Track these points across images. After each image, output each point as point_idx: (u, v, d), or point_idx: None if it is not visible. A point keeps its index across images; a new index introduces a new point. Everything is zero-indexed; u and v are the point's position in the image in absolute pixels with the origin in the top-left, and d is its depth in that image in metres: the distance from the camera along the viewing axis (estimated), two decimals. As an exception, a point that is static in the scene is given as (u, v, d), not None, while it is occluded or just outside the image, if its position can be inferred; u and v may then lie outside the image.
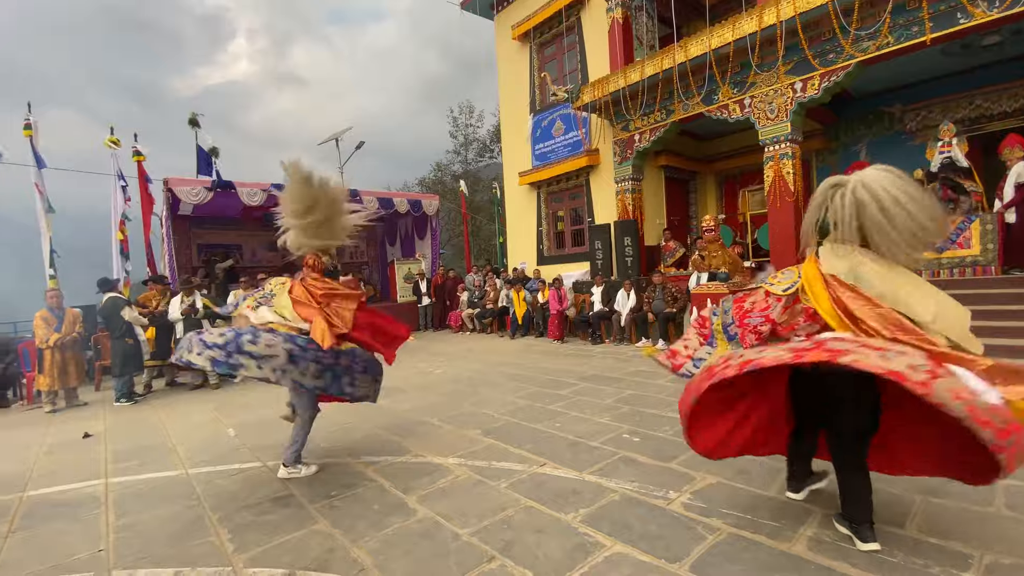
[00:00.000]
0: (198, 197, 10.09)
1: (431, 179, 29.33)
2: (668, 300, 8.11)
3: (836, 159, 9.62)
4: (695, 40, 7.95)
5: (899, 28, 6.30)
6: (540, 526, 2.55)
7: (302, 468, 3.46)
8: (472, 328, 11.83)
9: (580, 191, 11.59)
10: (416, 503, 2.90)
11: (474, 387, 5.92)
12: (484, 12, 13.85)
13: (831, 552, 2.17)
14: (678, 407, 2.36)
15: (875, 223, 2.13)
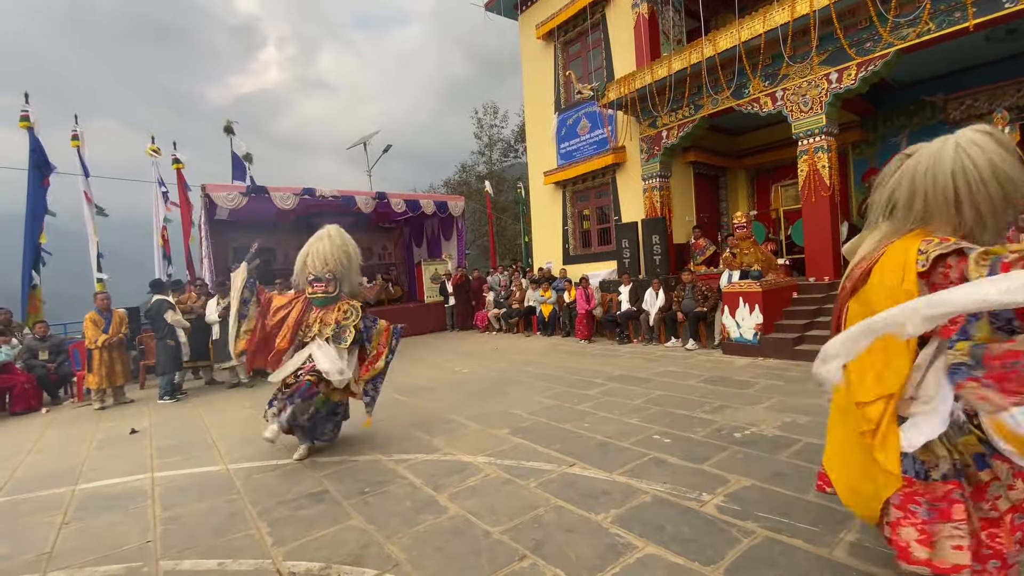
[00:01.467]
0: (234, 202, 10.44)
1: (456, 180, 29.55)
2: (698, 299, 7.96)
3: (874, 151, 9.26)
4: (724, 33, 7.78)
5: (940, 14, 6.03)
6: (571, 526, 2.54)
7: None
8: (498, 328, 11.88)
9: (606, 189, 11.49)
10: (447, 500, 2.93)
11: (501, 386, 5.94)
12: (508, 12, 13.88)
13: (873, 558, 2.09)
14: None
15: (979, 195, 1.63)
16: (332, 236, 4.23)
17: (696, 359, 6.90)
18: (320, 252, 4.11)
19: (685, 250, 10.07)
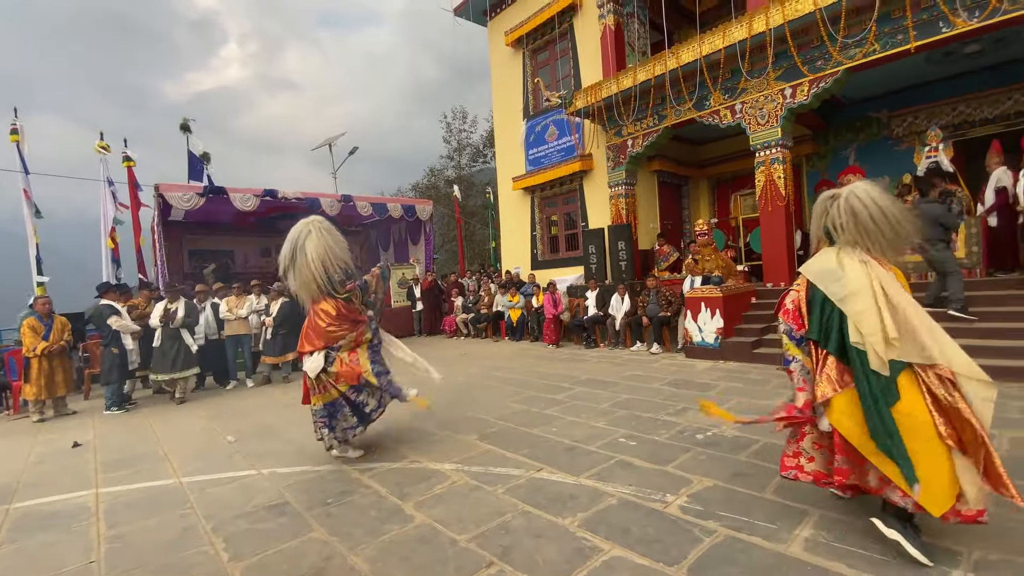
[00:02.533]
0: (190, 203, 10.03)
1: (424, 184, 29.35)
2: (662, 304, 8.15)
3: (825, 164, 9.75)
4: (686, 47, 8.04)
5: (884, 36, 6.42)
6: (538, 531, 2.54)
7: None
8: (466, 333, 11.82)
9: (574, 196, 11.65)
10: (413, 509, 2.88)
11: (470, 392, 5.91)
12: (477, 18, 13.93)
13: (826, 552, 2.18)
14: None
15: (867, 229, 2.30)
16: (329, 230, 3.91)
17: (660, 363, 7.05)
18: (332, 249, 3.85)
19: (650, 256, 10.30)
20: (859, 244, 2.34)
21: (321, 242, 3.76)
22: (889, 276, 2.27)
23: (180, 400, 6.79)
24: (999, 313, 5.45)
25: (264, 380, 7.80)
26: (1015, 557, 2.02)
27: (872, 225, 2.28)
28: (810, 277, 2.45)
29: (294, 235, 3.81)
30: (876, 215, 2.28)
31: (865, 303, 2.22)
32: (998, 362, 4.80)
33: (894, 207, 2.31)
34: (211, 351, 7.74)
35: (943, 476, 2.01)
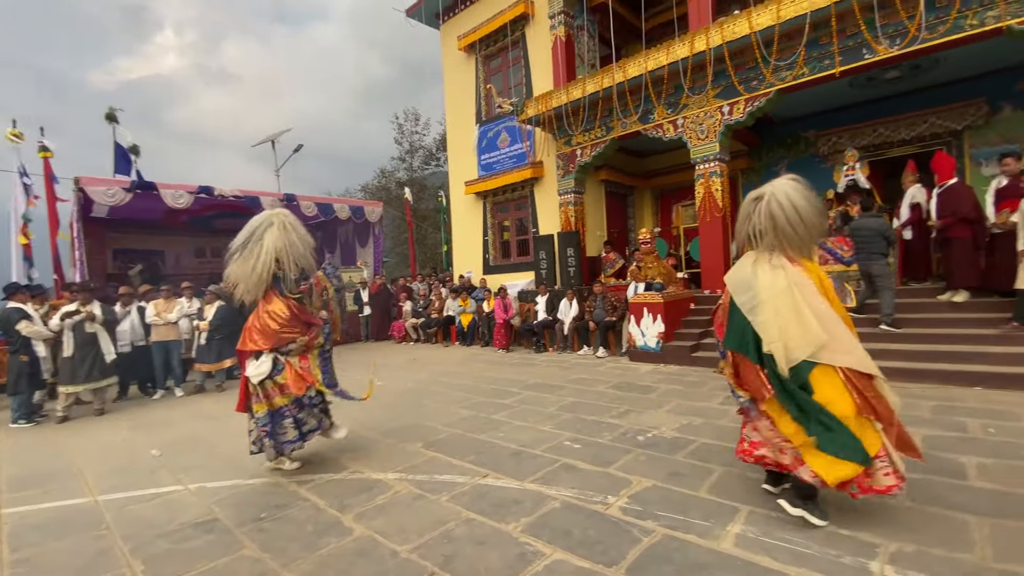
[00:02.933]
0: (114, 198, 9.33)
1: (375, 185, 28.73)
2: (608, 309, 8.37)
3: (759, 178, 10.35)
4: (633, 61, 8.34)
5: (813, 60, 6.92)
6: (481, 538, 2.53)
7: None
8: (416, 338, 11.64)
9: (525, 202, 11.76)
10: (352, 521, 2.80)
11: (417, 398, 5.82)
12: (430, 21, 13.84)
13: (755, 547, 2.30)
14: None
15: (785, 233, 2.45)
16: (294, 226, 3.70)
17: (606, 366, 7.23)
18: (294, 246, 3.64)
19: (597, 263, 10.55)
20: (777, 248, 2.47)
21: (282, 237, 3.56)
22: (807, 282, 2.40)
23: (99, 411, 6.26)
24: (914, 320, 5.98)
25: (196, 389, 7.35)
26: (930, 549, 2.18)
27: (789, 229, 2.41)
28: (728, 286, 2.60)
29: (254, 224, 3.60)
30: (792, 218, 2.41)
31: (768, 313, 2.38)
32: (913, 365, 5.27)
33: (809, 208, 2.43)
34: (136, 358, 7.21)
35: (850, 454, 2.27)
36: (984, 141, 7.98)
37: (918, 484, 2.83)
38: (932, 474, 2.92)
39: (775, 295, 2.40)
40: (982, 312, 5.67)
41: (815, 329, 2.30)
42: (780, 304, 2.38)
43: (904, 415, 4.09)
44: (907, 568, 2.06)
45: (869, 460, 2.27)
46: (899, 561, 2.12)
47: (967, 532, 2.30)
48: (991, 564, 2.04)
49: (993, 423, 3.75)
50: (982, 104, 7.84)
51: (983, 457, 3.12)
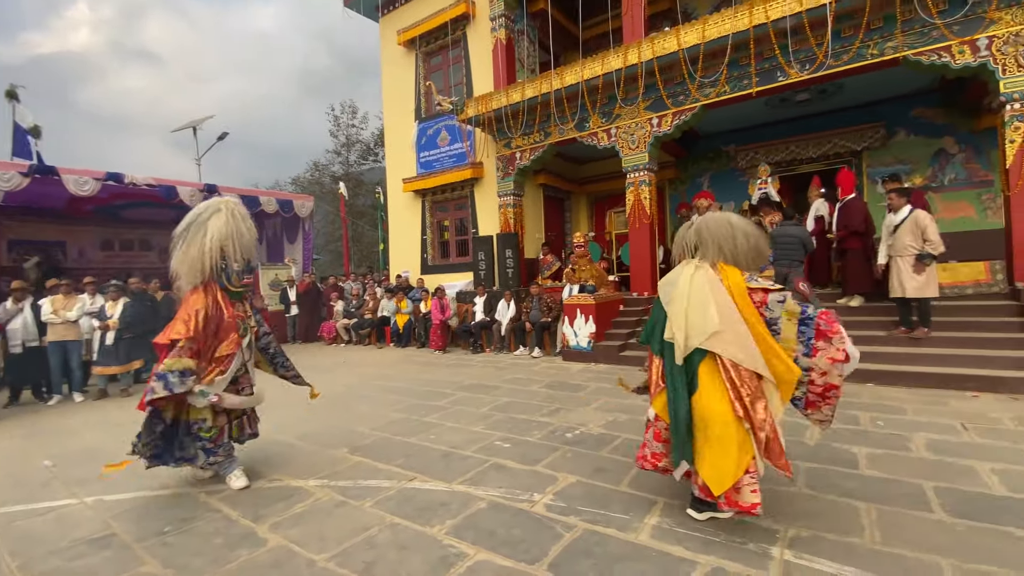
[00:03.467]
0: (11, 183, 8.32)
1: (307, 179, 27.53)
2: (544, 310, 8.51)
3: (684, 188, 10.95)
4: (570, 69, 8.55)
5: (733, 79, 7.41)
6: (404, 542, 2.48)
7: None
8: (347, 340, 11.25)
9: (465, 202, 11.71)
10: (267, 531, 2.65)
11: (345, 402, 5.62)
12: (369, 13, 13.47)
13: (669, 538, 2.42)
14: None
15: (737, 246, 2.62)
16: (243, 215, 3.45)
17: (540, 366, 7.34)
18: (241, 235, 3.37)
19: (535, 265, 10.71)
20: (705, 255, 2.66)
21: (229, 225, 3.29)
22: (719, 281, 2.54)
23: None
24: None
25: (99, 394, 6.68)
26: (825, 534, 2.37)
27: (709, 237, 2.64)
28: (659, 285, 2.79)
29: (199, 210, 3.32)
30: (715, 231, 2.64)
31: (680, 303, 2.54)
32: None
33: (734, 227, 2.63)
34: (29, 360, 6.45)
35: (730, 461, 2.34)
36: (880, 162, 8.91)
37: (815, 473, 3.10)
38: (828, 464, 3.21)
39: (691, 289, 2.54)
40: (874, 316, 6.31)
41: (713, 318, 2.42)
42: (693, 296, 2.51)
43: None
44: (803, 552, 2.24)
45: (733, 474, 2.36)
46: (796, 546, 2.29)
47: (857, 517, 2.52)
48: (878, 547, 2.25)
49: (882, 416, 4.18)
50: (880, 128, 8.75)
51: (872, 448, 3.46)
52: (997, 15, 5.72)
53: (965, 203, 8.28)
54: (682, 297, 2.56)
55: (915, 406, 4.46)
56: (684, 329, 2.48)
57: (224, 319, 3.23)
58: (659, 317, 2.68)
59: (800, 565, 2.15)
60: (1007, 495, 2.70)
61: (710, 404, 2.40)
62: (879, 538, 2.33)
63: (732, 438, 2.35)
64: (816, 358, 2.38)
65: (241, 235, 3.35)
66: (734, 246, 2.60)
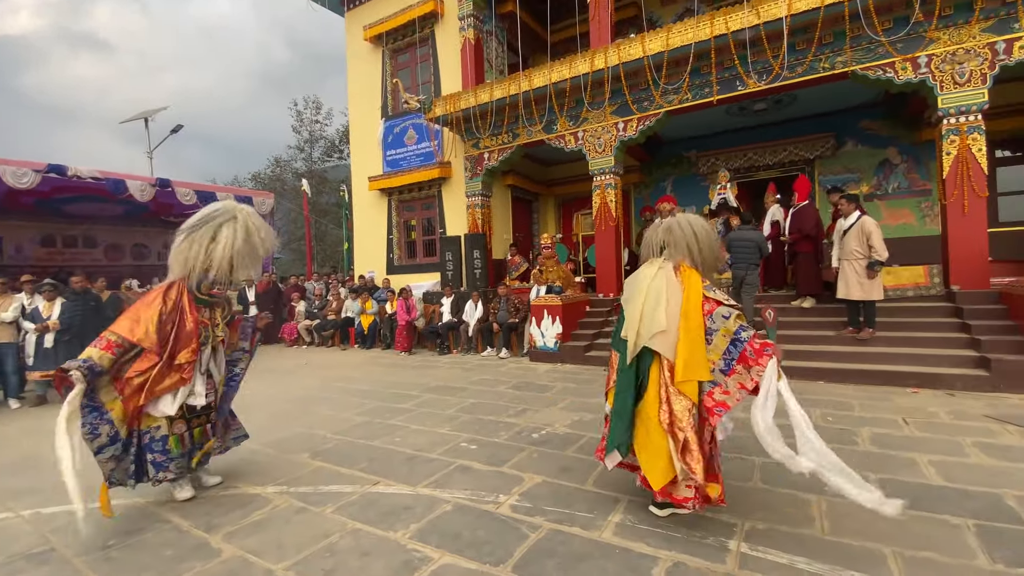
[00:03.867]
0: (-70, 173, 7.68)
1: (268, 175, 26.69)
2: (511, 311, 8.53)
3: (649, 192, 11.22)
4: (538, 72, 8.60)
5: (695, 87, 7.63)
6: (366, 548, 2.43)
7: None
8: (310, 341, 10.96)
9: (432, 201, 11.61)
10: (221, 541, 2.55)
11: (306, 406, 5.46)
12: (334, 6, 13.19)
13: (632, 535, 2.46)
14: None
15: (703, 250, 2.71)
16: (258, 227, 3.25)
17: (507, 367, 7.35)
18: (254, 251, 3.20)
19: (503, 265, 10.72)
20: (671, 256, 2.72)
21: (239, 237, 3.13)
22: (677, 285, 2.60)
23: None
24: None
25: (37, 400, 6.26)
26: (779, 526, 2.47)
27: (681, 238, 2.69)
28: (625, 284, 2.88)
29: (215, 210, 3.16)
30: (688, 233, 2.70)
31: (638, 302, 2.62)
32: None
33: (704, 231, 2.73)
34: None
35: (663, 458, 2.45)
36: (831, 170, 9.37)
37: (769, 467, 3.22)
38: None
39: (650, 289, 2.61)
40: (824, 317, 6.62)
41: (660, 317, 2.49)
42: (649, 296, 2.59)
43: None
44: (758, 544, 2.32)
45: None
46: (752, 538, 2.38)
47: (808, 509, 2.64)
48: (828, 537, 2.36)
49: (832, 412, 4.39)
50: (831, 138, 9.20)
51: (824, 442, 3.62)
52: (936, 35, 6.11)
53: (907, 210, 8.82)
54: (639, 296, 2.63)
55: (861, 402, 4.70)
56: (637, 327, 2.56)
57: (185, 325, 3.03)
58: (622, 315, 2.76)
59: (755, 557, 2.22)
60: (943, 484, 2.88)
61: (648, 407, 2.52)
62: (828, 528, 2.44)
63: (662, 439, 2.46)
64: (729, 378, 2.42)
65: (253, 250, 3.22)
66: (699, 249, 2.68)
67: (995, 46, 5.86)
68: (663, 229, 2.78)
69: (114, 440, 2.86)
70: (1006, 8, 5.78)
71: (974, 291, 5.97)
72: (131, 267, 13.11)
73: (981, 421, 4.01)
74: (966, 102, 6.02)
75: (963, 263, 6.11)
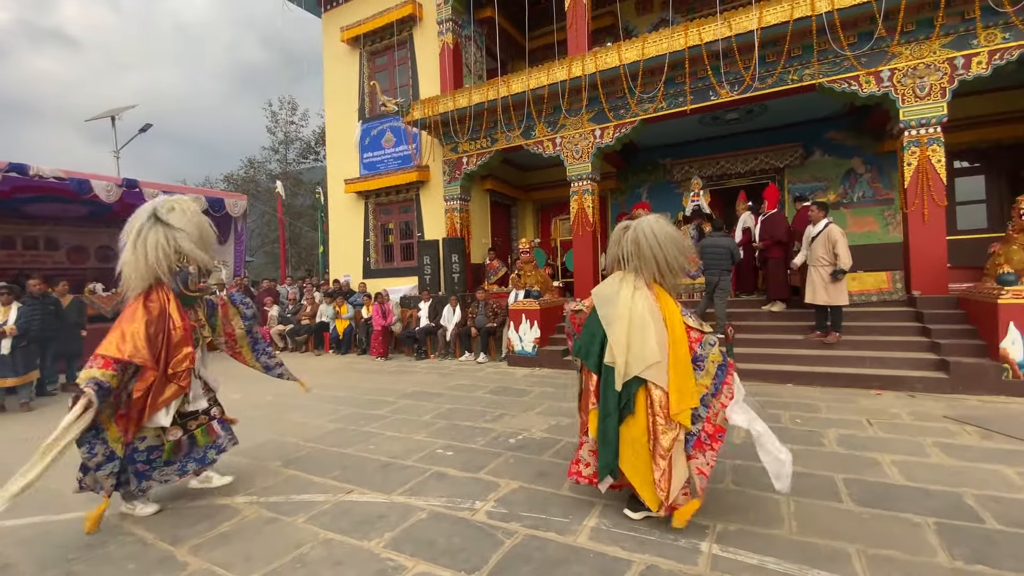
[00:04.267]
0: None
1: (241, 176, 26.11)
2: (490, 315, 8.52)
3: (625, 198, 11.37)
4: (517, 78, 8.65)
5: (670, 97, 7.78)
6: (339, 558, 2.39)
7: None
8: (283, 347, 10.73)
9: (410, 205, 11.53)
10: (187, 554, 2.46)
11: (278, 413, 5.35)
12: (310, 7, 13.02)
13: (607, 539, 2.48)
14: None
15: (646, 257, 2.73)
16: (193, 208, 3.16)
17: (485, 371, 7.33)
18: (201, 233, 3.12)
19: (481, 270, 10.71)
20: (641, 272, 2.74)
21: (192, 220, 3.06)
22: (657, 308, 2.64)
23: None
24: (743, 327, 6.96)
25: (-9, 409, 5.98)
26: (749, 527, 2.52)
27: (650, 255, 2.71)
28: (594, 299, 2.84)
29: (145, 210, 3.04)
30: (655, 246, 2.71)
31: (621, 328, 2.61)
32: (742, 366, 6.08)
33: (671, 241, 2.74)
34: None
35: (648, 482, 2.52)
36: (799, 178, 9.66)
37: (741, 469, 3.29)
38: (752, 460, 3.40)
39: (633, 314, 2.61)
40: (793, 321, 6.80)
41: (654, 349, 2.53)
42: (634, 322, 2.59)
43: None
44: (729, 545, 2.36)
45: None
46: (724, 540, 2.42)
47: (778, 510, 2.70)
48: (796, 537, 2.42)
49: (800, 415, 4.50)
50: (799, 147, 9.49)
51: (791, 444, 3.69)
52: (898, 50, 6.37)
53: (871, 218, 9.15)
54: (622, 320, 2.62)
55: (828, 404, 4.84)
56: (625, 356, 2.56)
57: (174, 332, 2.92)
58: (596, 331, 2.70)
59: (726, 558, 2.26)
60: (905, 484, 2.98)
61: (636, 432, 2.57)
62: (796, 528, 2.50)
63: (647, 463, 2.54)
64: (716, 399, 2.57)
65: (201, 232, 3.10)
66: (665, 260, 2.71)
67: (954, 61, 6.15)
68: (630, 242, 2.76)
69: (110, 459, 2.79)
70: (965, 25, 6.07)
71: (934, 296, 6.23)
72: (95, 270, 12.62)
73: (941, 422, 4.17)
74: (926, 115, 6.28)
75: (923, 269, 6.36)
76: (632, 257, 2.75)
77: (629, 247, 2.77)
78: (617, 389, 2.56)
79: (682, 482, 2.49)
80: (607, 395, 2.60)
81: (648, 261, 2.71)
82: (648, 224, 2.78)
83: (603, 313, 2.71)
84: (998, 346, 4.95)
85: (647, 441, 2.53)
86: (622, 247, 2.81)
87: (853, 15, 6.28)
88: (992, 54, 5.97)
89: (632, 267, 2.76)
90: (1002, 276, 5.05)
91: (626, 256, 2.78)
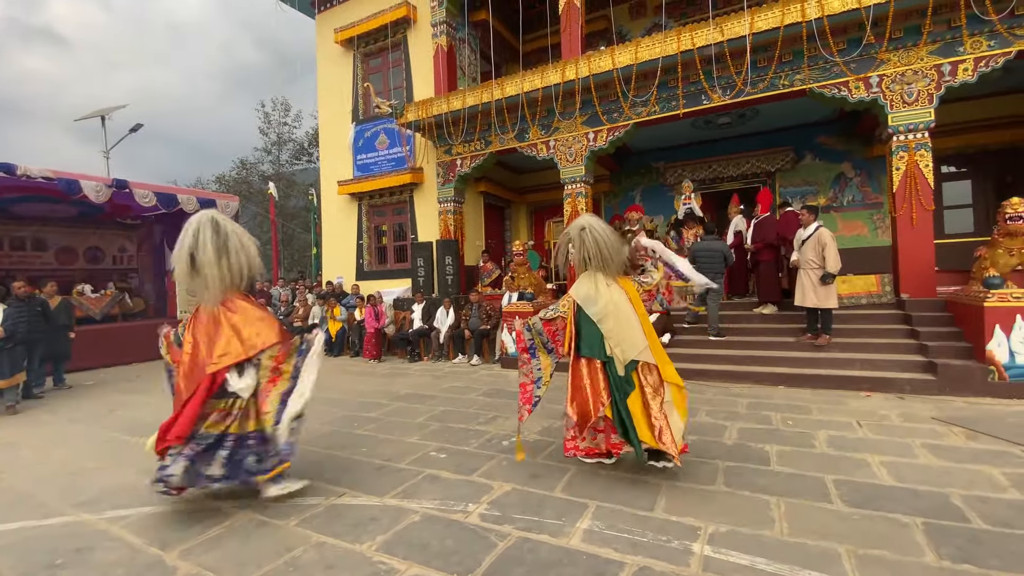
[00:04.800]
0: None
1: (233, 177, 25.93)
2: (483, 317, 8.51)
3: (618, 201, 11.42)
4: (510, 80, 8.67)
5: (663, 100, 7.83)
6: (331, 562, 2.38)
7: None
8: (276, 348, 10.65)
9: (404, 207, 11.50)
10: (177, 559, 2.44)
11: (271, 414, 5.30)
12: (304, 8, 12.99)
13: (599, 541, 2.48)
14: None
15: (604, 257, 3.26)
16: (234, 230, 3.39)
17: (479, 373, 7.32)
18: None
19: (474, 272, 10.69)
20: (602, 269, 3.22)
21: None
22: (622, 295, 3.20)
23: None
24: (735, 329, 7.00)
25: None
26: (740, 528, 2.54)
27: (608, 253, 3.22)
28: (578, 300, 3.25)
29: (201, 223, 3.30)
30: (610, 245, 3.23)
31: (612, 322, 3.11)
32: (734, 368, 6.16)
33: (614, 239, 3.28)
34: None
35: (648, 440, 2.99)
36: (791, 182, 9.75)
37: (732, 471, 3.30)
38: (743, 461, 3.44)
39: (616, 308, 3.12)
40: (784, 323, 6.85)
41: (640, 335, 3.09)
42: (620, 315, 3.09)
43: (724, 412, 4.74)
44: (721, 546, 2.38)
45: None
46: (715, 541, 2.44)
47: (769, 511, 2.72)
48: (786, 538, 2.44)
49: (792, 416, 4.53)
50: (790, 152, 9.58)
51: (783, 445, 3.75)
52: (887, 56, 6.46)
53: (860, 222, 9.25)
54: (611, 317, 3.11)
55: (819, 406, 4.88)
56: (622, 345, 3.08)
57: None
58: (593, 329, 3.15)
59: (718, 559, 2.28)
60: (894, 484, 3.01)
61: (634, 406, 3.08)
62: (787, 529, 2.52)
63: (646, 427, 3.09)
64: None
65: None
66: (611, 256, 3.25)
67: (941, 68, 6.24)
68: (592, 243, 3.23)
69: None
70: (951, 32, 6.17)
71: (922, 299, 6.30)
72: (84, 271, 12.46)
73: (929, 423, 4.23)
74: (914, 120, 6.37)
75: (912, 273, 6.44)
76: (595, 258, 3.21)
77: (591, 248, 3.22)
78: (620, 374, 3.06)
79: (680, 431, 3.05)
80: (617, 381, 3.09)
81: (607, 260, 3.22)
82: (599, 225, 3.29)
83: (592, 311, 3.15)
84: (984, 348, 5.01)
85: (643, 412, 3.05)
86: (587, 249, 3.24)
87: (842, 22, 6.36)
88: (978, 61, 6.07)
89: (595, 266, 3.23)
90: (988, 279, 5.12)
91: (591, 257, 3.23)
